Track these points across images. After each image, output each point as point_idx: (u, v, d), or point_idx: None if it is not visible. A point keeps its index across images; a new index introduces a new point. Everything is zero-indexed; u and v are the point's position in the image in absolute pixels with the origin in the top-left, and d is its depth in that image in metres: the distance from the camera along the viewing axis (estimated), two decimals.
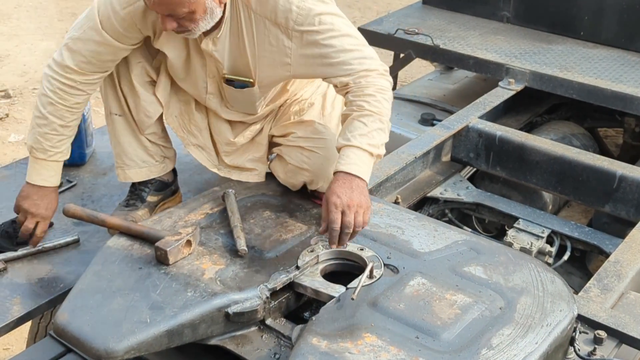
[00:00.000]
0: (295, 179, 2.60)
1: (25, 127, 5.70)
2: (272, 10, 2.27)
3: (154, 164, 2.74)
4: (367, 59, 2.33)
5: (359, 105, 2.28)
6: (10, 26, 7.78)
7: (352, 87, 2.31)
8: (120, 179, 2.75)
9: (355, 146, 2.24)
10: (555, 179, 3.39)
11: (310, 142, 2.54)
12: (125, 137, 2.68)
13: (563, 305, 2.13)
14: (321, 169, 2.52)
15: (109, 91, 2.63)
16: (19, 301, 2.36)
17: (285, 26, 2.28)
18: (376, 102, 2.28)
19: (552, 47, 4.26)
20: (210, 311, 2.05)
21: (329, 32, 2.29)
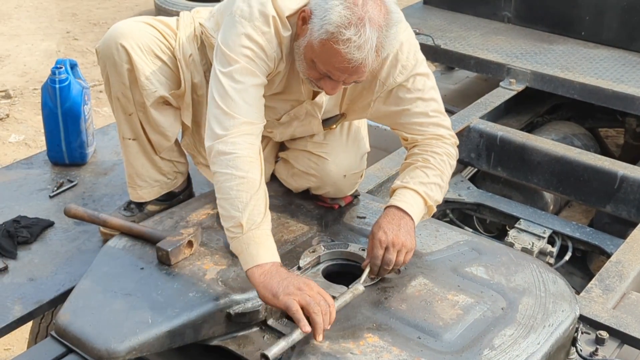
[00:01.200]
0: (300, 183, 2.60)
1: (26, 128, 5.70)
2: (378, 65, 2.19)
3: (166, 181, 2.71)
4: (442, 128, 2.36)
5: (424, 158, 2.32)
6: (10, 26, 7.78)
7: (421, 143, 2.35)
8: (133, 198, 2.71)
9: (413, 189, 2.26)
10: (556, 179, 3.39)
11: (319, 148, 2.52)
12: (139, 160, 2.63)
13: (565, 305, 2.13)
14: (329, 175, 2.52)
15: (121, 117, 2.55)
16: (20, 301, 2.35)
17: (384, 81, 2.28)
18: (442, 161, 2.32)
19: (553, 47, 4.26)
20: (211, 312, 2.05)
21: (417, 92, 2.31)
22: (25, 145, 5.48)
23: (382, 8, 2.02)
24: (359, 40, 1.97)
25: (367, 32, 1.97)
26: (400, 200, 2.24)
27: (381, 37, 2.01)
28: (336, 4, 1.99)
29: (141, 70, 2.42)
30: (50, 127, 3.11)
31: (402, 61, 2.26)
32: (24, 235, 2.63)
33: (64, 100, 3.03)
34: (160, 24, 2.48)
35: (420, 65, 2.31)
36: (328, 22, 1.99)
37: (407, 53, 2.27)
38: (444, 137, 2.36)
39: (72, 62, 3.13)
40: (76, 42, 7.41)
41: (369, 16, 1.98)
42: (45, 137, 3.16)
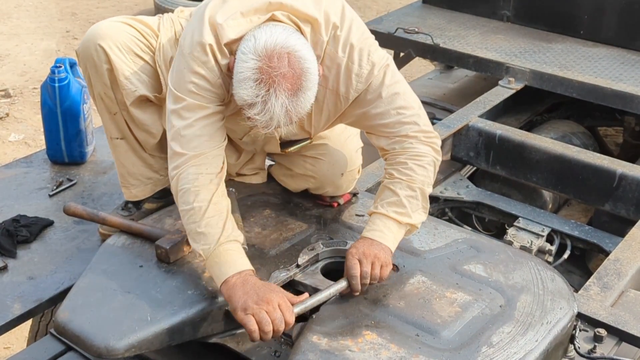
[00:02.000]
0: (299, 184, 2.61)
1: (26, 127, 5.71)
2: (334, 80, 2.21)
3: (159, 178, 2.71)
4: (408, 125, 2.27)
5: (390, 173, 2.27)
6: (10, 26, 7.79)
7: (388, 155, 2.31)
8: (127, 197, 2.71)
9: (382, 214, 2.22)
10: (555, 178, 3.40)
11: (313, 149, 2.52)
12: (128, 158, 2.63)
13: (563, 303, 2.14)
14: (327, 175, 2.52)
15: (106, 117, 2.56)
16: (20, 300, 2.36)
17: (345, 96, 2.24)
18: (406, 169, 2.24)
19: (552, 46, 4.27)
20: (210, 309, 2.06)
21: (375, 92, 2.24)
22: (24, 144, 5.48)
23: (296, 72, 1.96)
24: (264, 118, 1.96)
25: (272, 109, 1.94)
26: (371, 230, 2.20)
27: (291, 106, 1.97)
28: (244, 79, 1.95)
29: (120, 70, 2.41)
30: (49, 126, 3.11)
31: (354, 71, 2.20)
32: (24, 234, 2.63)
33: (63, 99, 3.04)
34: (139, 24, 2.47)
35: (376, 67, 2.22)
36: (237, 97, 1.99)
37: (359, 60, 2.19)
38: (408, 137, 2.26)
39: (72, 61, 3.14)
40: (76, 41, 7.42)
41: (276, 89, 1.93)
42: (44, 136, 3.16)
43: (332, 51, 2.18)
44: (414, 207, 2.23)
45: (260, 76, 1.94)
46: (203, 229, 2.10)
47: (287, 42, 1.97)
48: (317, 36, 2.15)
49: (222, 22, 2.10)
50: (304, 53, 1.99)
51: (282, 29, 2.02)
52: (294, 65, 1.96)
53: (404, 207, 2.21)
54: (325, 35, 2.16)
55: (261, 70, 1.94)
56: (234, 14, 2.11)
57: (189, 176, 2.14)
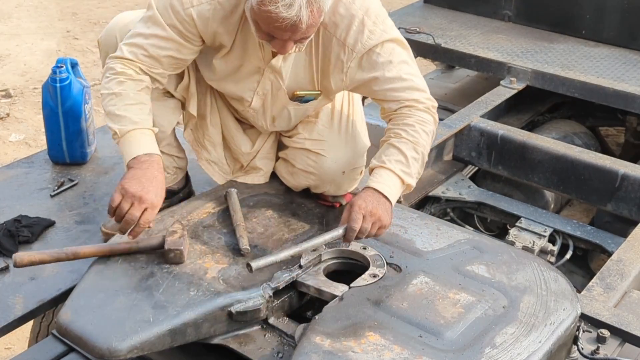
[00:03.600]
0: (299, 182, 2.60)
1: (26, 127, 5.71)
2: (344, 30, 2.25)
3: (166, 176, 2.71)
4: (416, 91, 2.33)
5: (396, 132, 2.30)
6: (10, 26, 7.78)
7: (394, 115, 2.34)
8: None
9: (389, 169, 2.25)
10: (557, 178, 3.39)
11: (317, 145, 2.52)
12: None
13: (566, 304, 2.13)
14: (328, 172, 2.51)
15: None
16: (21, 300, 2.35)
17: (352, 48, 2.27)
18: (414, 131, 2.29)
19: (553, 45, 4.26)
20: (213, 310, 2.05)
21: (388, 57, 2.29)
22: (25, 145, 5.48)
23: None
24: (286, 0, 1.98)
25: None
26: (378, 182, 2.23)
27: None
28: None
29: None
30: (51, 126, 3.10)
31: (368, 26, 2.25)
32: (25, 235, 2.62)
33: (64, 100, 3.03)
34: None
35: (390, 31, 2.30)
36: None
37: (375, 18, 2.27)
38: (418, 102, 2.32)
39: (73, 61, 3.13)
40: (76, 41, 7.41)
41: None
42: (46, 136, 3.16)
43: (349, 2, 2.24)
44: (415, 169, 2.28)
45: None
46: (122, 112, 2.26)
47: None
48: None
49: None
50: None
51: None
52: None
53: (409, 167, 2.27)
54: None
55: None
56: None
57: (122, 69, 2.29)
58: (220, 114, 2.63)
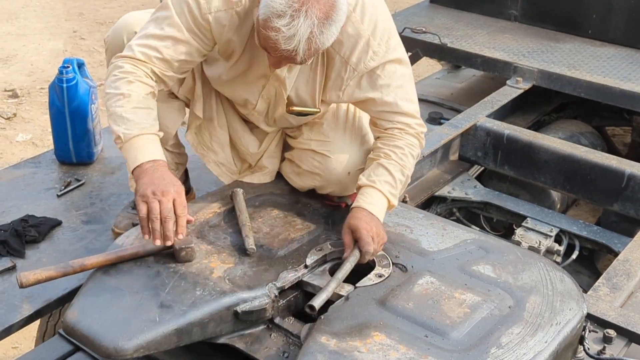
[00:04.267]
0: (305, 182, 2.60)
1: (33, 127, 5.72)
2: (349, 49, 2.28)
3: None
4: (409, 117, 2.40)
5: (386, 153, 2.37)
6: (17, 26, 7.80)
7: (384, 135, 2.40)
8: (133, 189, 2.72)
9: (379, 190, 2.32)
10: (563, 178, 3.39)
11: (322, 146, 2.53)
12: None
13: (572, 304, 2.13)
14: (333, 173, 2.52)
15: None
16: (28, 300, 2.37)
17: (354, 67, 2.30)
18: (403, 154, 2.37)
19: (560, 45, 4.25)
20: (219, 310, 2.05)
21: (387, 80, 2.34)
22: (32, 145, 5.49)
23: (328, 2, 2.01)
24: (289, 32, 1.99)
25: (299, 25, 1.98)
26: (369, 203, 2.30)
27: (316, 31, 2.01)
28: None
29: None
30: (57, 126, 3.12)
31: (373, 47, 2.28)
32: (32, 234, 2.64)
33: (71, 100, 3.04)
34: None
35: (392, 52, 2.32)
36: (266, 6, 2.01)
37: (380, 39, 2.29)
38: (409, 127, 2.39)
39: (80, 61, 3.14)
40: (83, 41, 7.43)
41: (308, 8, 1.98)
42: (52, 136, 3.17)
43: (357, 20, 2.26)
44: (399, 191, 2.38)
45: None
46: (130, 115, 2.20)
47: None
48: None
49: None
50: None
51: None
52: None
53: (396, 189, 2.36)
54: None
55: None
56: None
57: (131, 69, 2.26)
58: (226, 115, 2.64)
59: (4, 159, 5.25)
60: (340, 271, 2.15)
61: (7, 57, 6.99)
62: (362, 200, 2.31)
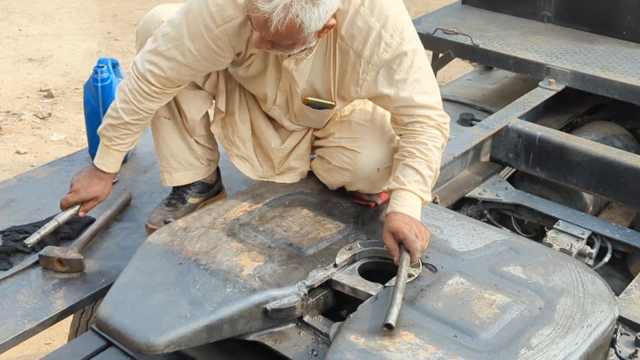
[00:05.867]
0: (335, 178, 2.61)
1: (67, 126, 5.80)
2: (361, 42, 2.28)
3: (200, 166, 2.76)
4: (429, 109, 2.38)
5: (410, 151, 2.37)
6: (53, 27, 7.91)
7: (406, 132, 2.40)
8: (166, 183, 2.77)
9: (410, 191, 2.32)
10: (596, 180, 3.35)
11: (352, 142, 2.54)
12: (174, 140, 2.70)
13: (604, 306, 2.11)
14: (362, 169, 2.52)
15: None
16: (62, 295, 2.40)
17: (368, 60, 2.30)
18: (427, 149, 2.36)
19: (593, 46, 4.21)
20: (248, 307, 2.07)
21: (404, 74, 2.33)
22: (66, 144, 5.57)
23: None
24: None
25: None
26: (403, 206, 2.30)
27: (296, 3, 2.02)
28: None
29: None
30: (92, 124, 3.16)
31: (385, 39, 2.27)
32: (66, 232, 2.68)
33: (105, 99, 3.08)
34: None
35: (407, 43, 2.31)
36: None
37: (392, 31, 2.27)
38: (429, 119, 2.38)
39: (114, 61, 3.18)
40: (117, 42, 7.51)
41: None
42: (87, 134, 3.21)
43: (367, 13, 2.26)
44: (430, 186, 2.38)
45: None
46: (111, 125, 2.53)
47: None
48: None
49: None
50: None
51: None
52: None
53: (427, 185, 2.35)
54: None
55: None
56: None
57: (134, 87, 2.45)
58: (250, 110, 2.67)
59: (39, 157, 5.32)
60: (399, 278, 2.12)
61: (43, 58, 7.09)
62: (395, 204, 2.31)
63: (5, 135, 5.67)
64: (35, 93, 6.37)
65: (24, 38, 7.57)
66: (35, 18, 8.12)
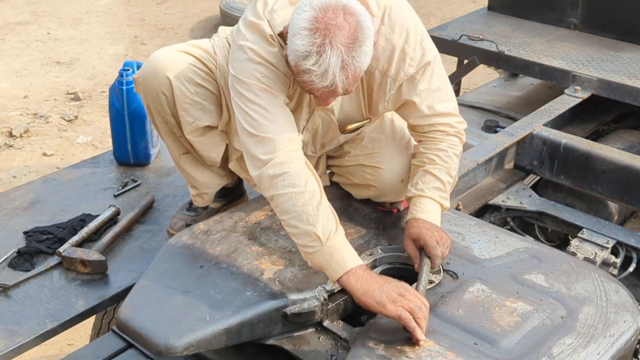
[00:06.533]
0: (362, 193, 2.60)
1: (94, 129, 5.85)
2: (386, 62, 2.24)
3: (225, 176, 2.78)
4: (449, 116, 2.38)
5: (430, 158, 2.36)
6: (81, 31, 7.99)
7: (425, 139, 2.39)
8: (199, 204, 2.78)
9: (430, 197, 2.31)
10: (621, 189, 3.31)
11: (371, 159, 2.52)
12: (197, 171, 2.70)
13: (627, 316, 2.09)
14: (387, 183, 2.51)
15: (169, 139, 2.63)
16: (83, 297, 2.43)
17: (394, 78, 2.27)
18: (447, 156, 2.36)
19: (620, 54, 4.17)
20: (268, 311, 2.07)
21: (426, 84, 2.30)
22: (92, 147, 5.62)
23: (351, 25, 1.95)
24: (320, 70, 1.94)
25: (328, 59, 1.93)
26: (423, 212, 2.29)
27: (347, 58, 1.95)
28: (300, 29, 1.95)
29: (179, 102, 2.45)
30: (116, 127, 3.19)
31: (409, 54, 2.24)
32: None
33: (130, 102, 3.11)
34: (197, 50, 2.50)
35: (427, 54, 2.28)
36: (292, 51, 1.98)
37: (414, 45, 2.24)
38: (450, 126, 2.38)
39: (140, 64, 3.19)
40: (144, 46, 7.57)
41: (332, 39, 1.92)
42: (111, 137, 3.24)
43: (388, 32, 2.21)
44: (449, 192, 2.37)
45: (316, 25, 1.94)
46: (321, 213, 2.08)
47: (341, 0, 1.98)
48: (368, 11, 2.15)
49: (270, 15, 2.14)
50: (359, 9, 2.00)
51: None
52: (349, 19, 1.96)
53: (446, 192, 2.35)
54: (377, 10, 2.19)
55: (317, 20, 1.94)
56: (283, 4, 2.15)
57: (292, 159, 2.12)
58: None
59: (65, 160, 5.38)
60: (419, 284, 2.12)
61: (70, 61, 7.16)
62: (415, 210, 2.30)
63: (32, 137, 5.73)
64: (63, 96, 6.44)
65: (52, 41, 7.66)
66: (63, 22, 8.22)
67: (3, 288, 2.43)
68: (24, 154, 5.52)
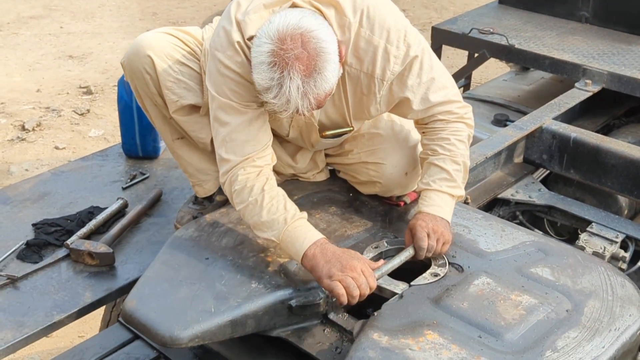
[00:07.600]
0: (369, 189, 2.60)
1: (105, 123, 5.88)
2: (370, 63, 2.22)
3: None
4: (447, 104, 2.35)
5: (433, 149, 2.35)
6: (93, 25, 8.02)
7: (427, 129, 2.38)
8: (200, 195, 2.77)
9: (436, 190, 2.31)
10: (631, 183, 3.30)
11: (372, 155, 2.52)
12: (194, 155, 2.69)
13: (633, 310, 2.08)
14: (391, 178, 2.52)
15: (160, 122, 2.63)
16: (91, 289, 2.44)
17: (382, 78, 2.25)
18: (449, 144, 2.34)
19: (631, 48, 4.14)
20: (273, 303, 2.08)
21: (415, 78, 2.27)
22: (104, 140, 5.64)
23: (310, 53, 1.94)
24: (281, 101, 1.97)
25: (288, 91, 1.94)
26: (429, 205, 2.29)
27: (308, 87, 1.95)
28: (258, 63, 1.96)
29: (162, 80, 2.45)
30: (125, 120, 3.20)
31: (392, 52, 2.21)
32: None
33: None
34: (182, 34, 2.52)
35: (413, 49, 2.24)
36: (255, 81, 2.00)
37: (397, 42, 2.21)
38: (450, 114, 2.35)
39: None
40: None
41: (290, 70, 1.93)
42: (120, 130, 3.25)
43: (368, 34, 2.20)
44: (459, 179, 2.35)
45: (274, 59, 1.94)
46: (265, 217, 2.17)
47: (300, 23, 1.97)
48: (342, 18, 2.16)
49: (242, 17, 2.14)
50: (319, 33, 1.98)
51: (298, 12, 2.03)
52: (308, 46, 1.95)
53: (455, 181, 2.32)
54: (353, 17, 2.17)
55: (274, 53, 1.94)
56: (257, 7, 2.15)
57: (239, 177, 2.22)
58: None
59: (76, 153, 5.40)
60: (383, 267, 2.14)
61: (83, 55, 7.19)
62: (421, 204, 2.31)
63: (45, 130, 5.77)
64: (75, 90, 6.47)
65: (65, 35, 7.69)
66: (76, 16, 8.25)
67: (11, 280, 2.45)
68: (36, 147, 5.55)
